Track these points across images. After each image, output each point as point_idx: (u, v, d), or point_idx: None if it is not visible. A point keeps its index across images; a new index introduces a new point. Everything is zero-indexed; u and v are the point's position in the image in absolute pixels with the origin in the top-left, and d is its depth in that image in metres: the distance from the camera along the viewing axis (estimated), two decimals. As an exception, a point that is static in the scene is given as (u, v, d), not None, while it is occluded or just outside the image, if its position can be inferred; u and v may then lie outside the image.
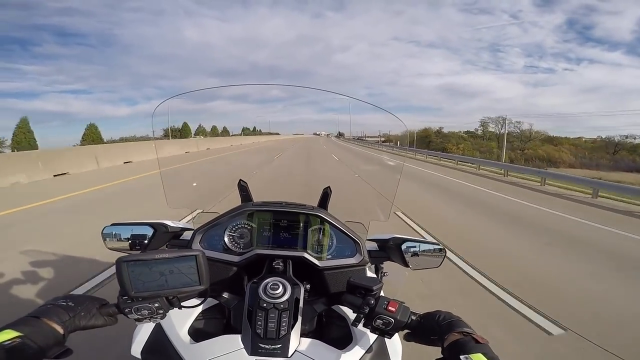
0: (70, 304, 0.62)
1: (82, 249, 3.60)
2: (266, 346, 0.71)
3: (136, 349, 0.81)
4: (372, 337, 0.84)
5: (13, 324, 0.53)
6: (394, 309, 0.71)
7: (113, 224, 0.98)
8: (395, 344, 0.87)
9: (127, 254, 0.64)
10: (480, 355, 0.55)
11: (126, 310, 0.64)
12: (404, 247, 1.00)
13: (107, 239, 0.97)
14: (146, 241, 0.97)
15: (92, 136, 37.55)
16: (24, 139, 30.86)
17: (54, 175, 9.47)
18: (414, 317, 0.72)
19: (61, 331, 0.57)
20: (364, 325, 0.74)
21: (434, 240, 1.05)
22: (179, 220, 1.12)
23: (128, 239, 0.97)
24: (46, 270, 3.10)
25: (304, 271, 0.94)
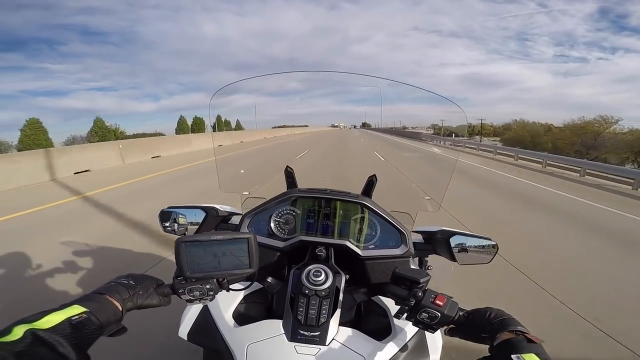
0: (131, 282, 0.65)
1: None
2: (305, 333, 0.73)
3: (183, 330, 0.85)
4: (412, 330, 0.82)
5: (79, 300, 0.57)
6: (441, 303, 0.69)
7: (169, 207, 1.04)
8: (435, 339, 0.84)
9: (183, 235, 0.68)
10: (533, 355, 0.52)
11: (180, 291, 0.67)
12: (452, 240, 0.95)
13: (163, 221, 1.03)
14: (198, 224, 1.02)
15: (99, 131, 37.75)
16: (42, 139, 31.68)
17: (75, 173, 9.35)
18: (461, 313, 0.69)
19: (120, 308, 0.60)
20: (407, 318, 0.72)
21: (486, 235, 0.98)
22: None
23: (182, 222, 1.03)
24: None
25: (345, 260, 0.94)
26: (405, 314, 0.72)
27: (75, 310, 0.53)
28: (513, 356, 0.53)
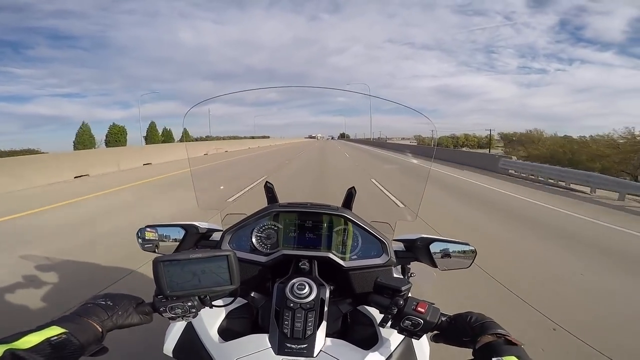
0: (109, 302, 0.64)
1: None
2: (292, 346, 0.72)
3: (168, 347, 0.84)
4: (399, 338, 0.83)
5: (58, 321, 0.56)
6: (423, 310, 0.70)
7: (147, 226, 1.03)
8: (422, 345, 0.86)
9: (161, 255, 0.67)
10: (513, 357, 0.53)
11: (161, 309, 0.67)
12: (432, 247, 0.98)
13: (141, 240, 1.02)
14: (178, 242, 1.01)
15: (84, 138, 36.33)
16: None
17: (75, 177, 9.93)
18: (443, 318, 0.70)
19: (100, 329, 0.59)
20: (392, 326, 0.73)
21: (464, 241, 1.01)
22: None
23: (161, 240, 1.02)
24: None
25: (329, 271, 0.94)
26: (389, 322, 0.73)
27: (54, 331, 0.52)
28: (494, 359, 0.54)
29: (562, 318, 2.53)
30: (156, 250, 1.01)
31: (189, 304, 0.67)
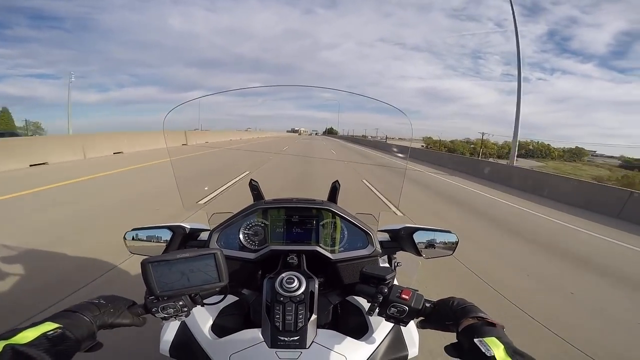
0: (101, 301, 0.65)
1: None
2: (285, 338, 0.74)
3: (164, 347, 0.85)
4: (388, 326, 0.86)
5: (51, 317, 0.57)
6: (407, 297, 0.73)
7: (134, 229, 1.02)
8: (411, 332, 0.89)
9: (149, 256, 0.67)
10: (494, 338, 0.56)
11: (153, 310, 0.68)
12: (416, 236, 1.01)
13: (129, 243, 1.02)
14: (165, 243, 1.01)
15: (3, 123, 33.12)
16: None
17: (31, 165, 8.38)
18: (427, 304, 0.73)
19: (93, 325, 0.60)
20: (379, 314, 0.75)
21: (446, 229, 1.05)
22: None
23: (148, 242, 1.01)
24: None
25: (317, 264, 0.96)
26: (377, 310, 0.75)
27: (49, 326, 0.54)
28: (476, 340, 0.56)
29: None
30: (143, 252, 1.00)
31: (181, 303, 0.68)
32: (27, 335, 0.51)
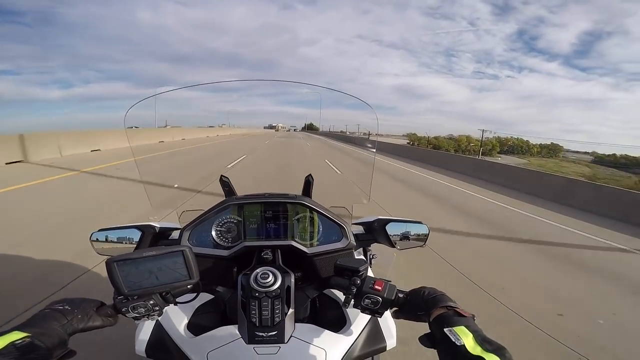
0: (66, 307, 0.62)
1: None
2: (262, 334, 0.73)
3: (139, 347, 0.82)
4: (365, 318, 0.87)
5: (19, 327, 0.54)
6: (380, 288, 0.73)
7: (100, 230, 0.97)
8: (388, 323, 0.90)
9: (113, 255, 0.64)
10: (463, 328, 0.57)
11: (123, 310, 0.65)
12: (388, 228, 1.03)
13: (96, 244, 0.97)
14: (134, 244, 0.96)
15: None
16: None
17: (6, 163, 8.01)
18: (400, 295, 0.74)
19: (63, 333, 0.58)
20: (354, 306, 0.76)
21: (417, 220, 1.08)
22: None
23: (116, 243, 0.97)
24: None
25: (293, 259, 0.95)
26: (352, 302, 0.76)
27: (17, 335, 0.52)
28: (445, 330, 0.57)
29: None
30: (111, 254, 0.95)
31: (151, 302, 0.66)
32: None
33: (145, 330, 0.85)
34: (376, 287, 0.74)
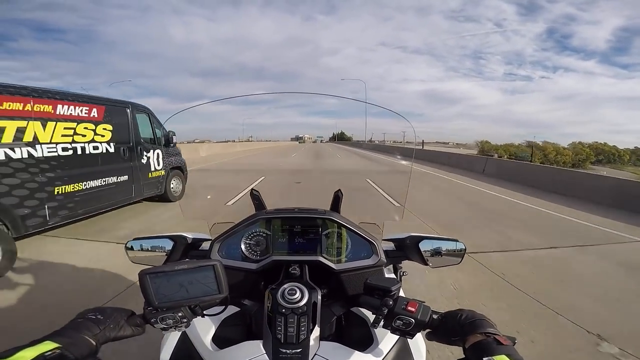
0: (99, 317, 0.64)
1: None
2: (287, 351, 0.72)
3: (164, 357, 0.84)
4: (394, 337, 0.83)
5: (50, 336, 0.56)
6: (413, 309, 0.70)
7: (135, 238, 1.02)
8: (418, 344, 0.86)
9: (149, 267, 0.67)
10: (504, 356, 0.53)
11: (152, 320, 0.67)
12: (421, 245, 0.99)
13: (130, 253, 1.01)
14: (167, 253, 1.00)
15: None
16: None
17: None
18: (435, 317, 0.70)
19: (94, 343, 0.59)
20: (384, 327, 0.73)
21: (453, 237, 1.02)
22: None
23: (149, 252, 1.01)
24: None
25: (321, 275, 0.94)
26: (381, 323, 0.73)
27: (48, 346, 0.52)
28: (485, 359, 0.54)
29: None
30: (145, 262, 1.00)
31: (180, 314, 0.67)
32: (24, 356, 0.49)
33: (170, 340, 0.86)
34: (409, 308, 0.70)
